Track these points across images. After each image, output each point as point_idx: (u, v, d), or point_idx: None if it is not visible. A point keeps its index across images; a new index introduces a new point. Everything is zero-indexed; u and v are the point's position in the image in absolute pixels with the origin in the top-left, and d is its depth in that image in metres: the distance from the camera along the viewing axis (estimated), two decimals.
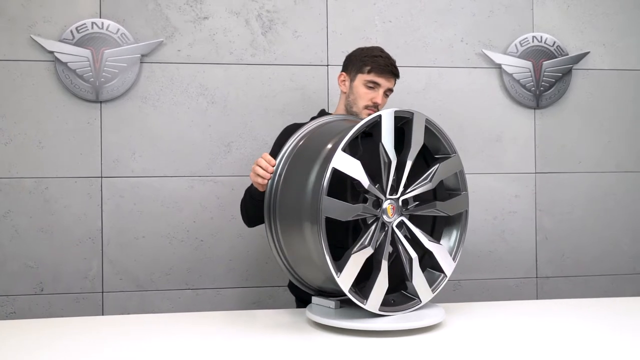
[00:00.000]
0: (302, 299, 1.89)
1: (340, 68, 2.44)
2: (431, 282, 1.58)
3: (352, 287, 1.44)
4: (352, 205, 1.42)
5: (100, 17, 2.30)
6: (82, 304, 2.31)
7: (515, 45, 2.53)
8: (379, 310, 1.45)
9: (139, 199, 2.33)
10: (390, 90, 1.88)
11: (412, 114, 1.51)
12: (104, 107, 2.32)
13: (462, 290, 2.52)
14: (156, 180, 2.34)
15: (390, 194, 1.49)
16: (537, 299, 2.56)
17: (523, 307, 1.80)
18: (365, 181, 1.42)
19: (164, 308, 2.35)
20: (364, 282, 1.50)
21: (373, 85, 1.84)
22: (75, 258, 2.30)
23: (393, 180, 1.49)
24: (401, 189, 1.49)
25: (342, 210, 1.41)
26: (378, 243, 1.46)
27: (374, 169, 1.50)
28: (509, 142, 2.55)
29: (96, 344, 1.39)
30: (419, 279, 1.52)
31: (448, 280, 1.61)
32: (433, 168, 1.55)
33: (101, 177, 2.31)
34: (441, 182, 1.63)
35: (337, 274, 1.38)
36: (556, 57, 2.55)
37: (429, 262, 1.60)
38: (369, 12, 2.47)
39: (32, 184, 2.28)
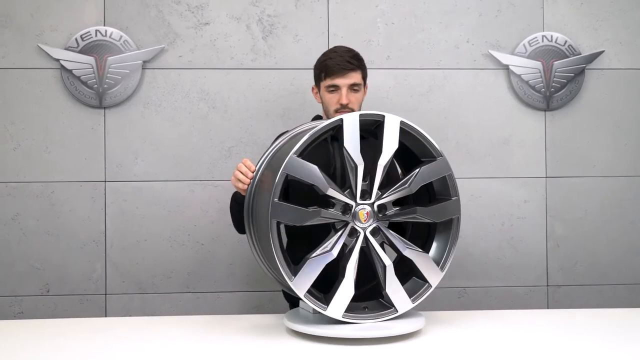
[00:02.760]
0: (295, 305, 1.88)
1: None
2: (414, 291, 1.53)
3: (317, 293, 1.43)
4: (307, 210, 1.40)
5: (104, 25, 2.35)
6: (86, 305, 2.36)
7: (524, 45, 2.44)
8: (344, 316, 1.43)
9: (141, 203, 2.37)
10: (356, 84, 1.81)
11: (383, 116, 1.47)
12: (108, 112, 2.37)
13: (467, 298, 2.45)
14: (158, 184, 2.38)
15: (365, 199, 1.46)
16: (547, 308, 2.46)
17: (525, 316, 1.72)
18: (323, 186, 1.40)
19: (165, 311, 2.37)
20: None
21: (334, 89, 1.81)
22: (80, 260, 2.36)
23: (366, 184, 1.46)
24: (374, 194, 1.45)
25: (295, 215, 1.40)
26: (348, 249, 1.44)
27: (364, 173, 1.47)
28: (518, 145, 2.47)
29: (94, 346, 1.43)
30: (394, 288, 1.47)
31: (453, 288, 1.55)
32: (413, 172, 1.49)
33: (105, 181, 2.36)
34: (433, 187, 1.57)
35: (290, 278, 1.37)
36: (568, 57, 2.45)
37: (417, 271, 1.55)
38: (371, 14, 2.44)
39: (39, 187, 2.34)
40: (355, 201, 1.44)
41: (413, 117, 2.40)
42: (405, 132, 1.49)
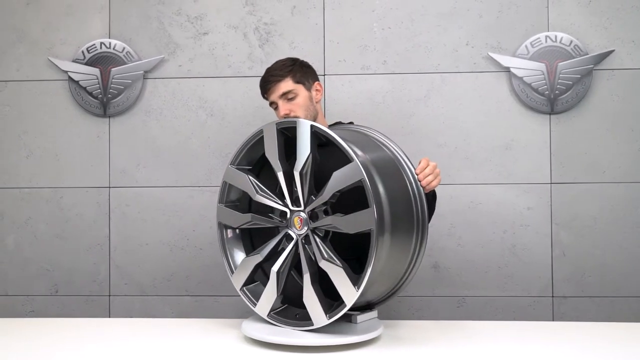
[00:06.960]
0: None
1: (337, 78, 2.45)
2: (335, 306, 1.43)
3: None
4: (240, 214, 1.48)
5: (109, 37, 2.46)
6: (92, 305, 2.47)
7: (526, 46, 2.36)
8: (270, 317, 1.48)
9: (143, 208, 2.46)
10: (286, 92, 1.80)
11: (295, 122, 1.44)
12: (112, 121, 2.47)
13: (467, 307, 2.38)
14: (158, 190, 2.46)
15: (298, 206, 1.46)
16: (553, 320, 2.36)
17: (526, 328, 1.63)
18: (252, 192, 1.45)
19: (165, 313, 2.45)
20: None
21: (275, 106, 1.86)
22: (86, 263, 2.47)
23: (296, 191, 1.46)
24: (301, 201, 1.45)
25: (232, 218, 1.52)
26: (288, 254, 1.46)
27: (322, 180, 1.47)
28: (520, 150, 2.38)
29: (96, 345, 1.51)
30: (309, 300, 1.41)
31: (452, 297, 1.50)
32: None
33: (109, 187, 2.47)
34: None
35: (231, 274, 1.55)
36: (574, 58, 2.35)
37: None
38: (367, 19, 2.43)
39: (49, 193, 2.48)
40: (289, 208, 1.45)
41: (410, 123, 2.40)
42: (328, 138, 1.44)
